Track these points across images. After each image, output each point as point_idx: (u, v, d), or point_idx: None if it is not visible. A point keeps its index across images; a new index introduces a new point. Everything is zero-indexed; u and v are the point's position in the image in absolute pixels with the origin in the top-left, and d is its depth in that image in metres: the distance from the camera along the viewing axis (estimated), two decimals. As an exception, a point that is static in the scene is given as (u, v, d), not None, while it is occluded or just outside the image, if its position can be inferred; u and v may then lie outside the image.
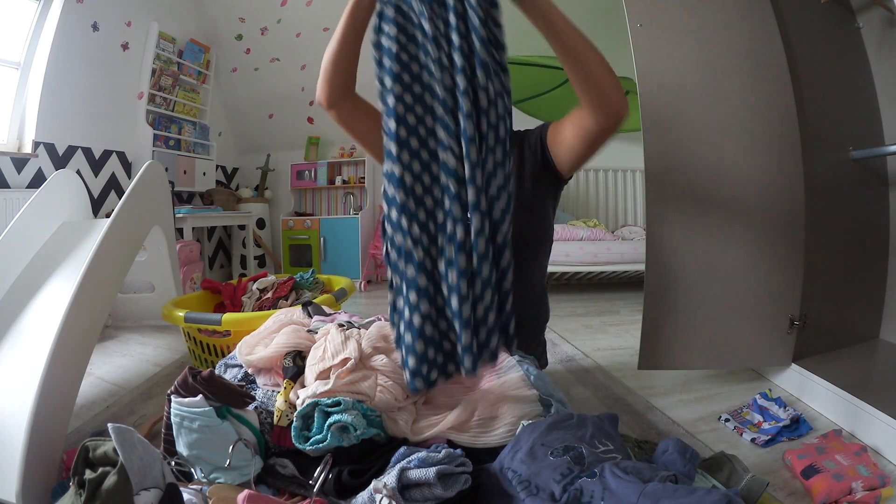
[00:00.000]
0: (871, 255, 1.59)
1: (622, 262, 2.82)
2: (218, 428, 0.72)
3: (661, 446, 0.72)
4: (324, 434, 0.70)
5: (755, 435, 1.11)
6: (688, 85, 1.34)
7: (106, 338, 2.03)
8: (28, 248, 1.36)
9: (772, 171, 1.34)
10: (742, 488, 0.76)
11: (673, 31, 1.34)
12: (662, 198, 1.34)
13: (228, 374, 0.95)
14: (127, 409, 1.30)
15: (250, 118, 3.88)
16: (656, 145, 1.33)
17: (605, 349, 1.83)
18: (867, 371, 1.39)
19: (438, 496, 0.60)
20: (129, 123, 2.97)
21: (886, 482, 0.89)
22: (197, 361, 1.55)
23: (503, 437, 0.75)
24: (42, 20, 2.43)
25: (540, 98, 3.42)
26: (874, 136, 1.56)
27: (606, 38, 3.65)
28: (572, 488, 0.59)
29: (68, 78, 2.53)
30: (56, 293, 1.17)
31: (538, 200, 1.04)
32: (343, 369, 0.78)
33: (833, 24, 1.56)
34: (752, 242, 1.35)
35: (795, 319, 1.35)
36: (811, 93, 1.41)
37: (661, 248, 1.34)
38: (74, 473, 0.64)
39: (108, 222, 1.23)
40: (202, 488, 0.69)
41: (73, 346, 0.99)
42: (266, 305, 1.72)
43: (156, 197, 1.74)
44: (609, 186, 3.58)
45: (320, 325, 0.97)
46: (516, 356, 0.90)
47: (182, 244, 2.66)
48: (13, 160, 2.31)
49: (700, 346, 1.37)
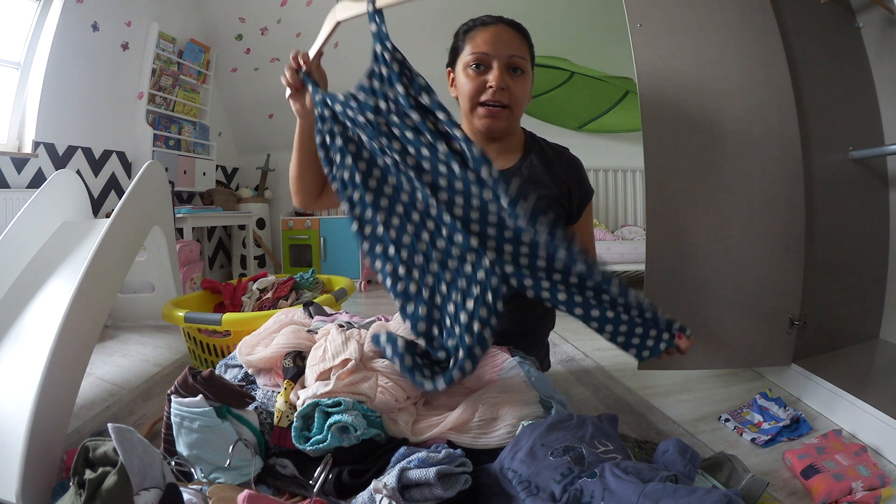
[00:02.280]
0: (871, 255, 1.58)
1: (622, 262, 2.82)
2: (218, 428, 0.72)
3: (661, 447, 0.72)
4: (324, 434, 0.70)
5: (755, 435, 1.11)
6: (688, 85, 1.34)
7: (106, 338, 2.03)
8: (28, 248, 1.36)
9: (772, 171, 1.34)
10: (742, 488, 0.76)
11: (673, 31, 1.34)
12: (662, 198, 1.34)
13: (228, 375, 0.95)
14: (127, 409, 1.30)
15: (250, 118, 3.88)
16: (656, 145, 1.33)
17: (606, 349, 1.83)
18: (867, 371, 1.39)
19: (438, 496, 0.60)
20: (129, 123, 2.97)
21: (886, 482, 0.89)
22: (197, 361, 1.55)
23: (503, 437, 0.75)
24: (42, 20, 2.43)
25: (540, 98, 3.42)
26: (874, 136, 1.56)
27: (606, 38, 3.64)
28: (572, 488, 0.59)
29: (68, 78, 2.53)
30: (56, 293, 1.17)
31: None
32: (343, 370, 0.78)
33: (833, 24, 1.56)
34: (752, 242, 1.35)
35: (795, 319, 1.35)
36: (811, 93, 1.41)
37: (660, 247, 1.34)
38: (74, 473, 0.64)
39: (108, 222, 1.23)
40: (202, 488, 0.69)
41: (73, 346, 0.99)
42: (266, 305, 1.72)
43: (156, 197, 1.74)
44: (609, 186, 3.58)
45: (321, 325, 0.97)
46: (517, 357, 0.90)
47: (182, 244, 2.66)
48: (13, 160, 2.31)
49: (700, 346, 1.37)
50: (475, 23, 0.98)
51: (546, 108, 3.53)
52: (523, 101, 0.98)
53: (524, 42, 0.98)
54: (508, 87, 0.95)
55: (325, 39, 0.86)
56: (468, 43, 0.97)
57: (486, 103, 0.95)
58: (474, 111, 0.98)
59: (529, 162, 1.03)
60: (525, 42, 0.98)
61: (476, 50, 0.95)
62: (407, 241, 0.83)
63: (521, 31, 0.99)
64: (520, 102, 0.97)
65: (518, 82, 0.96)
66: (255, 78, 3.66)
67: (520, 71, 0.96)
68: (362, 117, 0.80)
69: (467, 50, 0.96)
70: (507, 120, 0.98)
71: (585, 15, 3.27)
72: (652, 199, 1.34)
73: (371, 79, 0.80)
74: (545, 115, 3.60)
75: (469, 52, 0.96)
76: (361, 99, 0.81)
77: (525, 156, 1.04)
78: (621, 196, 3.60)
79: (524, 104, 0.99)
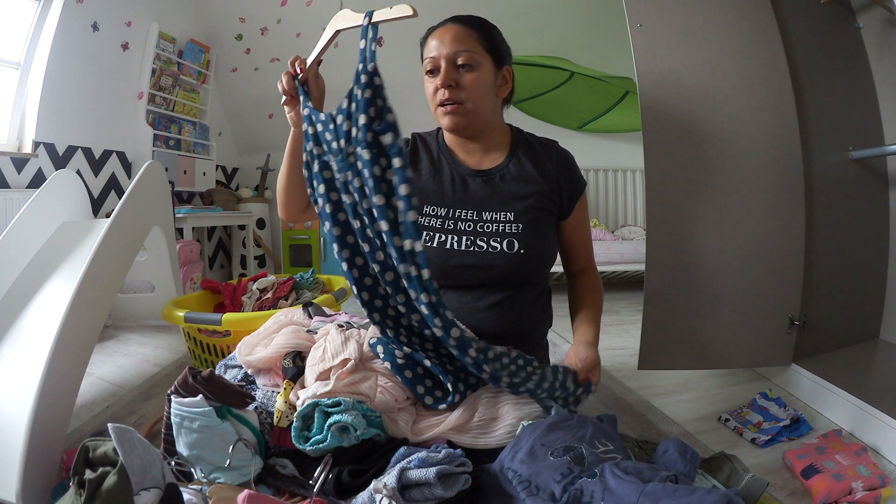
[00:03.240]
0: (871, 255, 1.59)
1: (622, 262, 2.82)
2: (218, 428, 0.72)
3: (661, 447, 0.72)
4: (324, 434, 0.70)
5: (755, 435, 1.11)
6: (688, 85, 1.34)
7: (106, 338, 2.03)
8: (28, 248, 1.36)
9: (772, 171, 1.34)
10: (742, 488, 0.76)
11: (673, 31, 1.34)
12: (662, 198, 1.34)
13: (228, 375, 0.94)
14: (127, 409, 1.30)
15: (250, 118, 3.88)
16: (656, 145, 1.33)
17: (605, 349, 1.83)
18: (867, 371, 1.39)
19: (438, 496, 0.60)
20: (129, 123, 2.97)
21: (886, 482, 0.89)
22: (197, 361, 1.55)
23: (503, 438, 0.75)
24: (42, 20, 2.42)
25: (540, 98, 3.42)
26: (874, 136, 1.56)
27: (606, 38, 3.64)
28: (572, 488, 0.59)
29: (68, 78, 2.53)
30: (56, 293, 1.17)
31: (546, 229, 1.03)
32: (343, 370, 0.78)
33: (833, 24, 1.56)
34: (752, 242, 1.35)
35: (795, 319, 1.35)
36: (811, 93, 1.41)
37: (660, 247, 1.34)
38: (74, 473, 0.63)
39: (108, 222, 1.23)
40: (202, 488, 0.69)
41: (73, 346, 0.99)
42: (266, 305, 1.72)
43: (156, 197, 1.74)
44: (609, 186, 3.58)
45: (320, 325, 0.97)
46: (517, 357, 0.90)
47: (182, 244, 2.66)
48: (13, 160, 2.31)
49: (700, 346, 1.37)
50: (430, 30, 0.99)
51: (546, 108, 3.53)
52: (479, 93, 0.96)
53: (474, 35, 0.96)
54: (458, 82, 0.94)
55: (324, 47, 0.85)
56: (424, 50, 0.98)
57: (442, 103, 0.96)
58: (437, 113, 0.99)
59: (516, 159, 1.03)
60: (475, 34, 0.96)
61: (427, 55, 0.96)
62: (369, 283, 0.83)
63: (472, 25, 0.97)
64: (473, 96, 0.96)
65: (467, 76, 0.95)
66: (255, 78, 3.66)
67: (468, 66, 0.95)
68: (336, 143, 0.77)
69: (424, 57, 0.98)
70: (465, 115, 0.97)
71: (585, 15, 3.27)
72: (652, 200, 1.34)
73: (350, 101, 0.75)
74: (545, 115, 3.60)
75: (424, 59, 0.97)
76: (339, 122, 0.76)
77: (511, 153, 1.04)
78: (621, 196, 3.60)
79: (483, 97, 0.97)
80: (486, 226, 0.97)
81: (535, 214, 0.99)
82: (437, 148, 1.07)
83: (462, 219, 0.99)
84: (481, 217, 0.98)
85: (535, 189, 1.00)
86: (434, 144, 1.07)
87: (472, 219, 0.98)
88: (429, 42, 0.97)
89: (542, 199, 1.00)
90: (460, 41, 0.95)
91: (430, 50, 0.96)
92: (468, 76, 0.95)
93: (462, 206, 0.99)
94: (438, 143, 1.07)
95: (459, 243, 0.97)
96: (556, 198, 1.02)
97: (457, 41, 0.95)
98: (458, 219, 0.99)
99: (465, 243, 0.96)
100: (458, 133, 1.02)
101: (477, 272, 0.96)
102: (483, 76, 0.97)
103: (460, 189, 1.01)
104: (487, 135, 1.04)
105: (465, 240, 0.97)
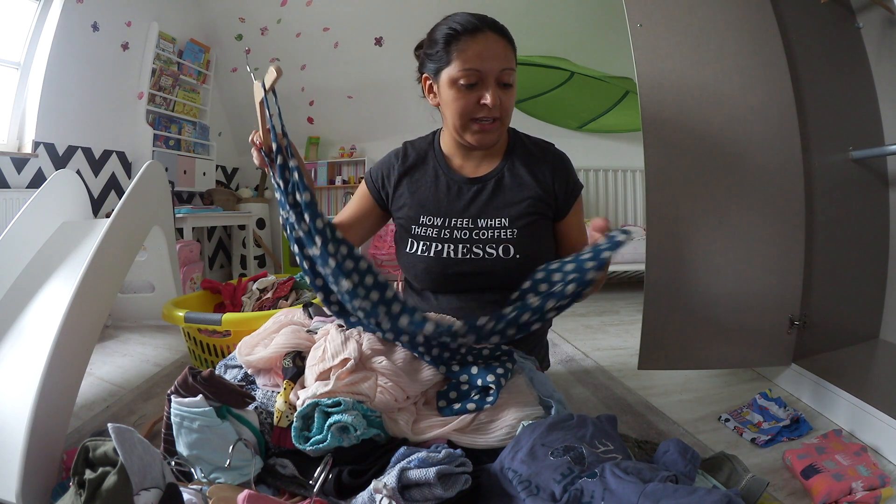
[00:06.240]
0: (871, 255, 1.58)
1: (622, 262, 2.82)
2: (218, 428, 0.72)
3: (661, 447, 0.72)
4: (324, 434, 0.70)
5: (755, 435, 1.11)
6: (688, 85, 1.34)
7: (106, 338, 2.03)
8: (28, 248, 1.36)
9: (771, 171, 1.34)
10: (742, 488, 0.76)
11: (673, 31, 1.34)
12: (662, 197, 1.34)
13: (228, 375, 0.94)
14: (127, 409, 1.30)
15: (250, 118, 3.85)
16: (656, 145, 1.33)
17: (605, 349, 1.83)
18: (867, 371, 1.39)
19: (438, 496, 0.60)
20: (129, 123, 2.97)
21: (886, 482, 0.89)
22: (197, 361, 1.55)
23: (503, 437, 0.75)
24: (42, 20, 2.43)
25: (540, 98, 3.42)
26: (874, 136, 1.56)
27: (606, 38, 3.64)
28: (573, 488, 0.59)
29: (68, 78, 2.53)
30: (56, 293, 1.17)
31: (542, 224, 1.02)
32: (343, 370, 0.78)
33: (833, 24, 1.56)
34: (752, 242, 1.35)
35: (795, 319, 1.35)
36: (811, 93, 1.41)
37: (661, 247, 1.34)
38: (74, 473, 0.64)
39: (108, 222, 1.23)
40: (202, 488, 0.69)
41: (73, 346, 0.99)
42: (266, 305, 1.72)
43: (156, 197, 1.74)
44: (609, 186, 3.58)
45: (320, 325, 0.97)
46: (517, 358, 0.90)
47: (182, 244, 2.66)
48: (13, 160, 2.31)
49: (700, 346, 1.37)
50: (460, 30, 0.90)
51: (546, 108, 3.53)
52: (511, 110, 0.97)
53: (512, 50, 0.93)
54: (500, 100, 0.92)
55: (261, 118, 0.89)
56: (457, 56, 0.90)
57: (480, 119, 0.93)
58: (467, 127, 0.95)
59: (510, 164, 1.02)
60: (512, 50, 0.94)
61: (468, 66, 0.89)
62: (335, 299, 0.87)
63: (508, 38, 0.94)
64: (509, 113, 0.96)
65: (508, 95, 0.93)
66: (255, 78, 3.67)
67: (510, 85, 0.93)
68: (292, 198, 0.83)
69: (456, 65, 0.90)
70: (498, 132, 0.96)
71: (585, 15, 3.27)
72: (652, 200, 1.34)
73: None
74: (545, 115, 3.60)
75: (459, 67, 0.90)
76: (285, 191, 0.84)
77: (506, 158, 1.03)
78: (621, 196, 3.60)
79: (512, 113, 0.98)
80: (481, 233, 0.97)
81: (530, 219, 0.98)
82: (434, 157, 1.05)
83: (458, 227, 0.98)
84: (476, 224, 0.98)
85: (529, 193, 0.99)
86: (430, 153, 1.06)
87: (468, 227, 0.98)
88: (467, 48, 0.89)
89: (536, 203, 0.99)
90: (506, 58, 0.91)
91: (471, 61, 0.89)
92: (508, 94, 0.94)
93: (457, 215, 0.99)
94: (434, 151, 1.06)
95: (456, 252, 0.97)
96: (551, 201, 1.01)
97: (503, 58, 0.91)
98: (453, 227, 0.98)
99: (461, 251, 0.96)
100: (484, 148, 1.00)
101: (475, 279, 0.97)
102: (515, 92, 0.96)
103: (455, 198, 1.01)
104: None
105: (462, 248, 0.97)
